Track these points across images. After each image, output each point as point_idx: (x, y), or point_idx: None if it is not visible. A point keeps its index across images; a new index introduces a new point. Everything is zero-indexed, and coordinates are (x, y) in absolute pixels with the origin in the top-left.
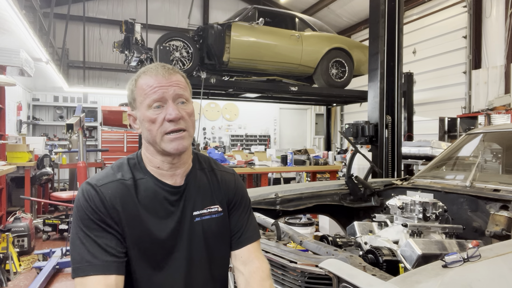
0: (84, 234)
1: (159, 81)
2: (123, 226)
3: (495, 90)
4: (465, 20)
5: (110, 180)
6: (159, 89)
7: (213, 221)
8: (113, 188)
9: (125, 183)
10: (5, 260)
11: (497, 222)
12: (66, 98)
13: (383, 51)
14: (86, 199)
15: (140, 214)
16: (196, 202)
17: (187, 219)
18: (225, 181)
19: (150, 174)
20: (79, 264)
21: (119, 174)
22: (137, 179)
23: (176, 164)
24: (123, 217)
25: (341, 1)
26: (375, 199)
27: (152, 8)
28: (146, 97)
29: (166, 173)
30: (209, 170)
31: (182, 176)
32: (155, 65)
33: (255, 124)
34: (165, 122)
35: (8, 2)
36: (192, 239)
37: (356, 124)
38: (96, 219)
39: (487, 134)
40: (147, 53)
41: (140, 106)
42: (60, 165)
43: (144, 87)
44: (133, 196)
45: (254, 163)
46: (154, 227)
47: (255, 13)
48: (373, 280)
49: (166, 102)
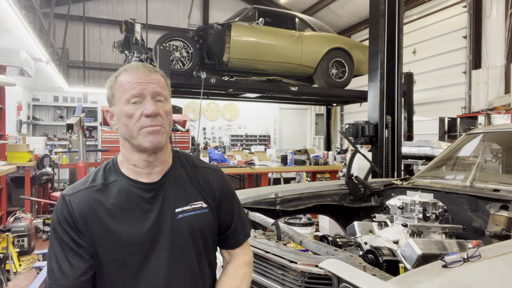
0: (57, 247)
1: (139, 77)
2: (93, 237)
3: (495, 90)
4: (465, 20)
5: (80, 188)
6: (138, 85)
7: (197, 217)
8: (82, 197)
9: (94, 190)
10: (5, 260)
11: (497, 222)
12: (66, 98)
13: (383, 51)
14: (57, 211)
15: (113, 218)
16: (177, 199)
17: (168, 216)
18: (209, 178)
19: (124, 175)
20: (51, 280)
21: (91, 181)
22: (108, 182)
23: (153, 162)
24: (93, 226)
25: (341, 1)
26: (375, 199)
27: (152, 8)
28: (125, 92)
29: (143, 171)
30: (191, 167)
31: (159, 174)
32: (136, 64)
33: (255, 124)
34: (142, 117)
35: (8, 2)
36: (175, 236)
37: (356, 124)
38: (65, 233)
39: (487, 134)
40: (147, 53)
41: (118, 102)
42: (60, 165)
43: (124, 83)
44: (103, 201)
45: (254, 163)
46: (130, 228)
47: (255, 13)
48: (373, 280)
49: (144, 98)
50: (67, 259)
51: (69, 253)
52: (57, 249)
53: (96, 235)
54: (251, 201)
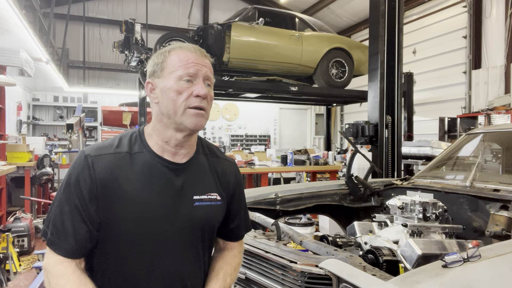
0: (65, 204)
1: (196, 58)
2: (108, 204)
3: (495, 90)
4: (465, 20)
5: (105, 152)
6: (195, 65)
7: (211, 208)
8: (106, 161)
9: (119, 157)
10: (5, 260)
11: (497, 222)
12: (66, 98)
13: (383, 51)
14: (77, 168)
15: (133, 189)
16: (197, 186)
17: (186, 201)
18: (227, 171)
19: (149, 148)
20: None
21: (116, 146)
22: (133, 152)
23: (183, 143)
24: (110, 193)
25: (341, 1)
26: (375, 199)
27: (152, 8)
28: (179, 68)
29: (170, 149)
30: (213, 156)
31: (184, 156)
32: (191, 44)
33: (255, 124)
34: (191, 97)
35: (8, 2)
36: (189, 222)
37: (356, 124)
38: (79, 195)
39: (487, 134)
40: (147, 53)
41: (168, 76)
42: (60, 165)
43: (181, 58)
44: (126, 170)
45: (254, 163)
46: (147, 203)
47: (255, 13)
48: (373, 280)
49: (196, 79)
50: (73, 222)
51: (75, 216)
52: (67, 208)
53: (112, 202)
54: (251, 201)
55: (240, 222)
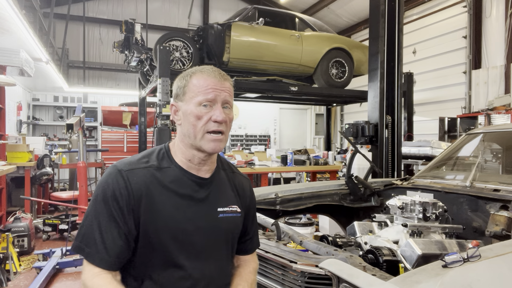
0: (104, 219)
1: (215, 83)
2: (143, 215)
3: (495, 90)
4: (465, 20)
5: (136, 166)
6: (213, 90)
7: (233, 219)
8: (140, 174)
9: (151, 170)
10: (5, 260)
11: (497, 222)
12: (66, 98)
13: (383, 51)
14: (111, 183)
15: (166, 200)
16: (220, 199)
17: (212, 213)
18: (244, 185)
19: (176, 164)
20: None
21: (147, 161)
22: (162, 167)
23: (206, 161)
24: (145, 205)
25: (341, 1)
26: (375, 199)
27: (152, 8)
28: (199, 94)
29: (195, 166)
30: (230, 171)
31: (207, 172)
32: (211, 67)
33: (255, 124)
34: (210, 122)
35: (8, 2)
36: (215, 233)
37: (356, 124)
38: (117, 208)
39: (487, 134)
40: (147, 53)
41: (189, 101)
42: (60, 165)
43: (201, 84)
44: (159, 183)
45: (254, 163)
46: (177, 212)
47: (255, 13)
48: (373, 280)
49: (215, 104)
50: (112, 234)
51: (114, 229)
52: (104, 221)
53: (148, 214)
54: None
55: (253, 236)
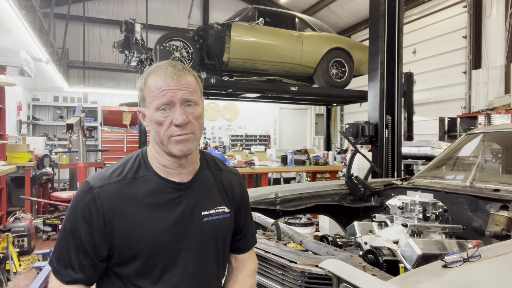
0: (71, 241)
1: (168, 83)
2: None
3: (495, 90)
4: (465, 20)
5: (109, 181)
6: (168, 92)
7: (221, 221)
8: (112, 191)
9: (124, 184)
10: (5, 260)
11: (497, 222)
12: (66, 98)
13: (383, 51)
14: (82, 203)
15: (141, 215)
16: (204, 202)
17: (195, 218)
18: (232, 182)
19: (153, 171)
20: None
21: (119, 173)
22: (138, 177)
23: (183, 164)
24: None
25: (341, 1)
26: (375, 199)
27: (152, 8)
28: (154, 99)
29: (173, 171)
30: (216, 169)
31: (189, 174)
32: (165, 64)
33: (255, 124)
34: (172, 126)
35: (8, 2)
36: (200, 238)
37: (356, 124)
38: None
39: (487, 134)
40: (147, 53)
41: (148, 106)
42: (60, 165)
43: (153, 89)
44: (132, 197)
45: (254, 163)
46: (157, 226)
47: (255, 13)
48: (373, 280)
49: (174, 106)
50: (77, 254)
51: (80, 249)
52: (70, 239)
53: (121, 230)
54: (251, 201)
55: (248, 233)
